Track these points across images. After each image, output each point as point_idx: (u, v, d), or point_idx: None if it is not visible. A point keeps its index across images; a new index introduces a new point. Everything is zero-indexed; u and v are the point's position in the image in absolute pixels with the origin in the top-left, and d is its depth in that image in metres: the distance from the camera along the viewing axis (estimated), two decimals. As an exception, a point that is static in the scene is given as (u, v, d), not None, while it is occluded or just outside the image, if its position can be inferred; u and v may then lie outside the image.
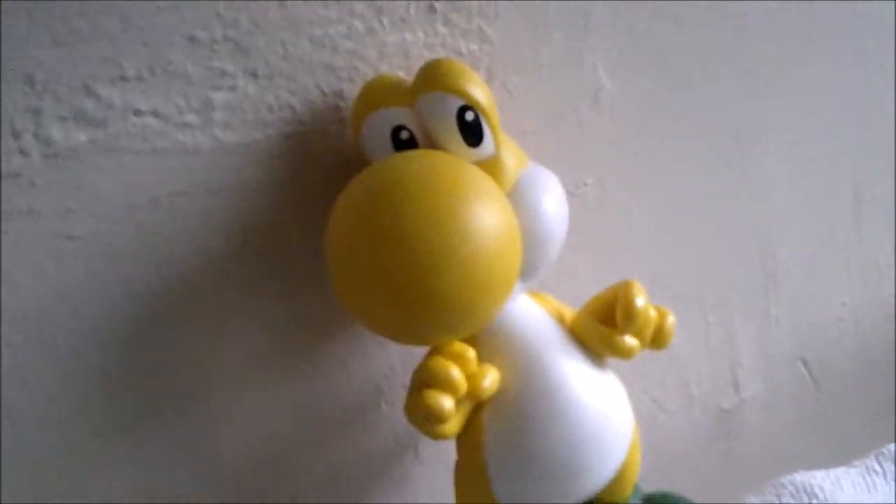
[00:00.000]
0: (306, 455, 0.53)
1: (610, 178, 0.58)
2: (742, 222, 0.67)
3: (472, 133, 0.43)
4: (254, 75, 0.44)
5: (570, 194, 0.56)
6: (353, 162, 0.45)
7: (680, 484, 0.56)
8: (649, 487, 0.54)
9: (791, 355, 0.75)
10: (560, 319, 0.48)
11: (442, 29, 0.48)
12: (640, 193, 0.60)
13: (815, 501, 0.54)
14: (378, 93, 0.45)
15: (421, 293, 0.39)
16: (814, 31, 0.66)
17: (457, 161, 0.42)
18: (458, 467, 0.48)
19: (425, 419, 0.42)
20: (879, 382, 0.81)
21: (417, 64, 0.44)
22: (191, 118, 0.43)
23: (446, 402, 0.42)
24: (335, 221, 0.41)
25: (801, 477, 0.56)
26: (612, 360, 0.48)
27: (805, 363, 0.75)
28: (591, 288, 0.49)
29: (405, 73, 0.47)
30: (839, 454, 0.62)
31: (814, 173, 0.70)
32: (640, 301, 0.46)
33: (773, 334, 0.72)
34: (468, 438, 0.46)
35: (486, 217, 0.40)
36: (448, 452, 0.49)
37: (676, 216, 0.63)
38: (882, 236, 0.76)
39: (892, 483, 0.57)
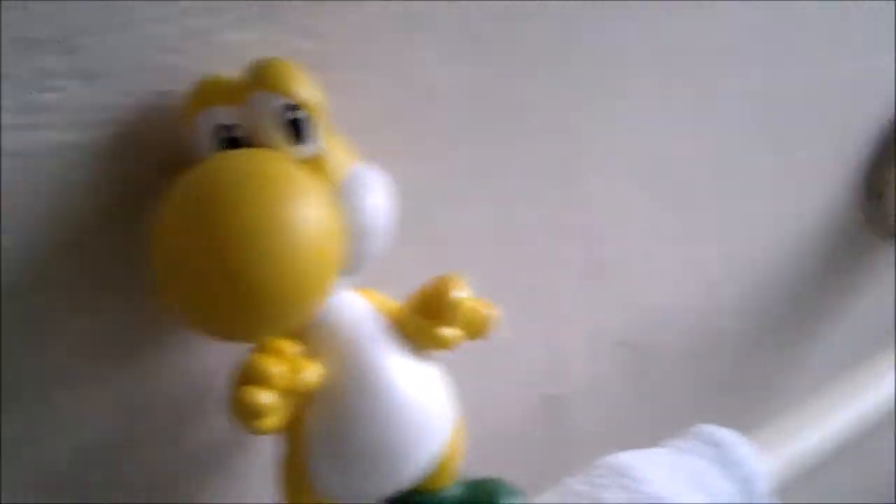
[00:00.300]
0: (134, 455, 0.53)
1: (441, 172, 0.60)
2: (567, 211, 0.69)
3: (298, 131, 0.44)
4: (82, 76, 0.44)
5: (403, 189, 0.57)
6: (184, 161, 0.45)
7: (509, 470, 0.58)
8: (478, 471, 0.56)
9: (616, 340, 0.78)
10: (385, 313, 0.49)
11: (275, 28, 0.49)
12: (472, 186, 0.62)
13: (625, 480, 0.57)
14: (208, 92, 0.45)
15: (239, 291, 0.40)
16: (631, 27, 0.69)
17: (279, 159, 0.43)
18: (281, 460, 0.49)
19: (245, 415, 0.43)
20: (701, 364, 0.85)
21: (250, 63, 0.45)
22: (16, 119, 0.43)
23: (266, 398, 0.43)
24: (158, 222, 0.42)
25: (614, 459, 0.59)
26: (438, 351, 0.50)
27: (631, 347, 0.79)
28: (420, 280, 0.50)
29: (238, 72, 0.48)
30: (663, 436, 0.65)
31: (634, 163, 0.72)
32: (459, 293, 0.48)
33: (598, 321, 0.75)
34: (290, 432, 0.47)
35: (308, 215, 0.41)
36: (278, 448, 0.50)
37: (502, 206, 0.65)
38: (703, 223, 0.79)
39: (699, 461, 0.60)
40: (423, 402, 0.48)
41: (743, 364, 0.87)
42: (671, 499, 0.57)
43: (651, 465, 0.59)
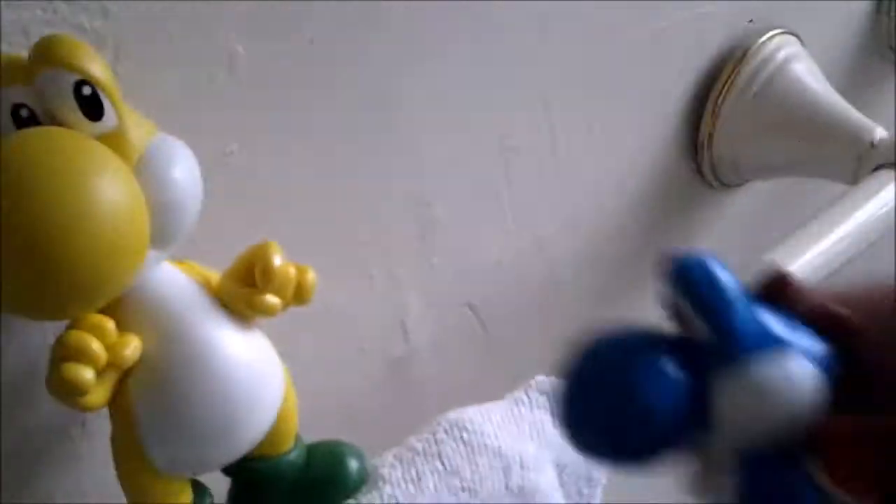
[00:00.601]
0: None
1: (255, 143, 0.59)
2: (393, 176, 0.70)
3: (91, 107, 0.43)
4: None
5: (217, 162, 0.57)
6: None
7: (355, 433, 0.59)
8: (325, 437, 0.56)
9: (457, 301, 0.78)
10: (205, 284, 0.49)
11: (61, 5, 0.48)
12: (288, 155, 0.62)
13: (465, 434, 0.58)
14: (-6, 72, 0.44)
15: (44, 269, 0.40)
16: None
17: (74, 136, 0.43)
18: (113, 437, 0.48)
19: (66, 392, 0.43)
20: (540, 320, 0.86)
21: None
22: None
23: (86, 374, 0.42)
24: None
25: (454, 414, 0.60)
26: (275, 322, 0.50)
27: (471, 307, 0.80)
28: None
29: (26, 52, 0.47)
30: (509, 391, 0.67)
31: (459, 124, 0.73)
32: (277, 260, 0.48)
33: (437, 282, 0.76)
34: (118, 407, 0.47)
35: (106, 190, 0.41)
36: (117, 425, 0.49)
37: (326, 174, 0.65)
38: (530, 180, 0.80)
39: (537, 411, 0.62)
40: (251, 370, 0.48)
41: (583, 315, 0.89)
42: (510, 448, 0.58)
43: (489, 417, 0.60)
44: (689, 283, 0.34)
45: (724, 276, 0.34)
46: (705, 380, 0.34)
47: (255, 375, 0.48)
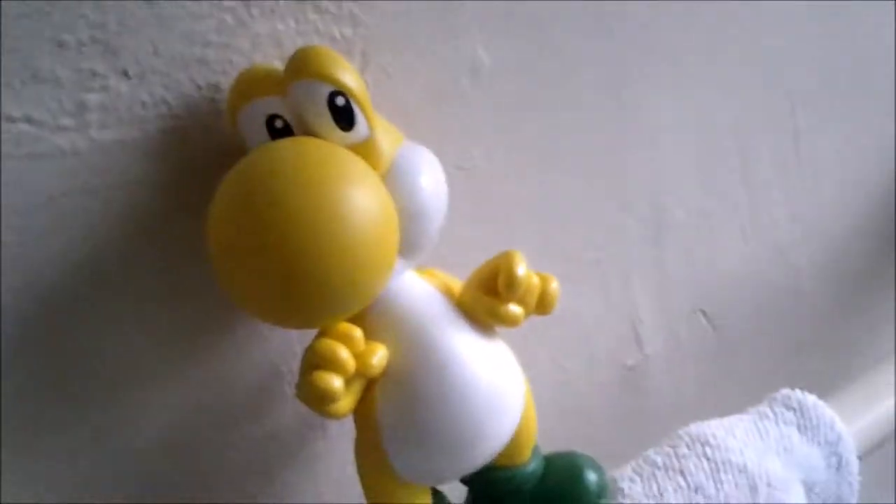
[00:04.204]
0: (214, 443, 0.54)
1: (496, 150, 0.59)
2: (630, 180, 0.68)
3: (344, 117, 0.44)
4: (125, 74, 0.44)
5: (459, 168, 0.57)
6: (232, 153, 0.46)
7: (589, 443, 0.57)
8: (559, 446, 0.55)
9: (690, 308, 0.76)
10: (448, 293, 0.49)
11: (313, 16, 0.49)
12: (528, 161, 0.61)
13: (708, 449, 0.56)
14: (251, 84, 0.45)
15: (298, 278, 0.40)
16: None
17: (328, 146, 0.43)
18: (357, 442, 0.49)
19: (316, 400, 0.43)
20: (779, 329, 0.83)
21: (290, 52, 0.45)
22: (65, 121, 0.44)
23: (335, 382, 0.42)
24: (212, 213, 0.42)
25: (695, 428, 0.57)
26: (509, 329, 0.50)
27: (705, 314, 0.77)
28: (486, 259, 0.50)
29: (279, 62, 0.48)
30: (743, 402, 0.64)
31: (699, 127, 0.71)
32: (521, 269, 0.47)
33: (671, 288, 0.74)
34: (363, 415, 0.47)
35: (359, 199, 0.41)
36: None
37: (564, 180, 0.64)
38: (771, 186, 0.78)
39: (783, 426, 0.59)
40: (494, 380, 0.48)
41: (822, 326, 0.86)
42: (755, 465, 0.56)
43: (732, 431, 0.58)
44: None
45: None
46: None
47: (497, 386, 0.47)
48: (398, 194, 0.44)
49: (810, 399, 0.60)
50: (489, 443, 0.48)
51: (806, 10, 0.74)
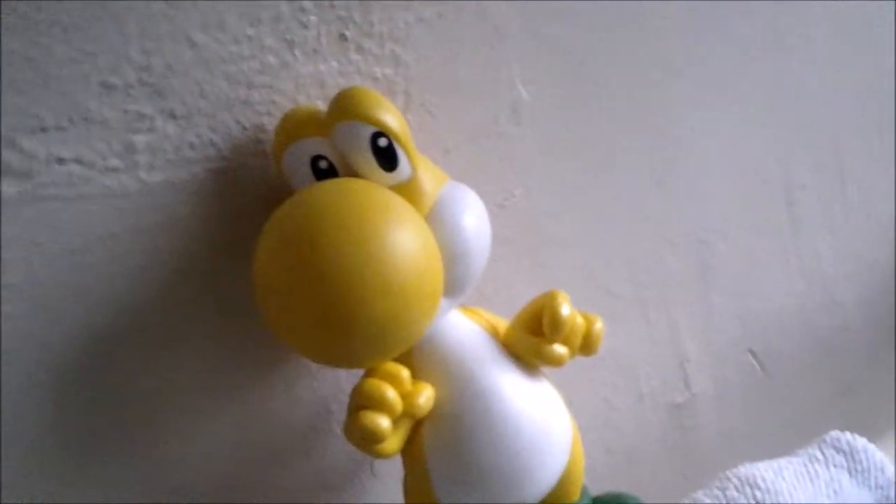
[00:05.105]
0: (263, 480, 0.54)
1: (537, 187, 0.59)
2: (674, 216, 0.68)
3: (387, 158, 0.44)
4: (172, 116, 0.45)
5: (500, 206, 0.57)
6: (278, 193, 0.46)
7: (636, 481, 0.57)
8: (606, 486, 0.55)
9: (738, 346, 0.76)
10: (493, 332, 0.49)
11: (355, 56, 0.49)
12: (569, 198, 0.61)
13: (758, 493, 0.55)
14: (295, 125, 0.45)
15: (343, 320, 0.40)
16: (735, 21, 0.67)
17: (372, 187, 0.43)
18: (405, 481, 0.49)
19: (364, 440, 0.43)
20: (828, 368, 0.82)
21: (333, 92, 0.45)
22: (114, 162, 0.44)
23: (383, 422, 0.43)
24: (258, 254, 0.42)
25: (744, 469, 0.57)
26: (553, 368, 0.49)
27: (752, 353, 0.77)
28: (530, 297, 0.50)
29: (322, 103, 0.48)
30: (791, 443, 0.63)
31: (743, 163, 0.71)
32: (566, 309, 0.47)
33: (718, 326, 0.73)
34: (411, 453, 0.47)
35: (403, 240, 0.41)
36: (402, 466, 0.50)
37: (607, 216, 0.64)
38: (816, 222, 0.77)
39: (833, 469, 0.58)
40: (541, 420, 0.47)
41: (871, 365, 0.84)
42: (805, 508, 0.55)
43: (782, 474, 0.57)
44: None
45: None
46: None
47: (544, 426, 0.47)
48: (441, 234, 0.44)
49: (860, 442, 0.60)
50: (537, 482, 0.47)
51: (851, 50, 0.74)
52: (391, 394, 0.43)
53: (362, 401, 0.43)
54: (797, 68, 0.72)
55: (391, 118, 0.44)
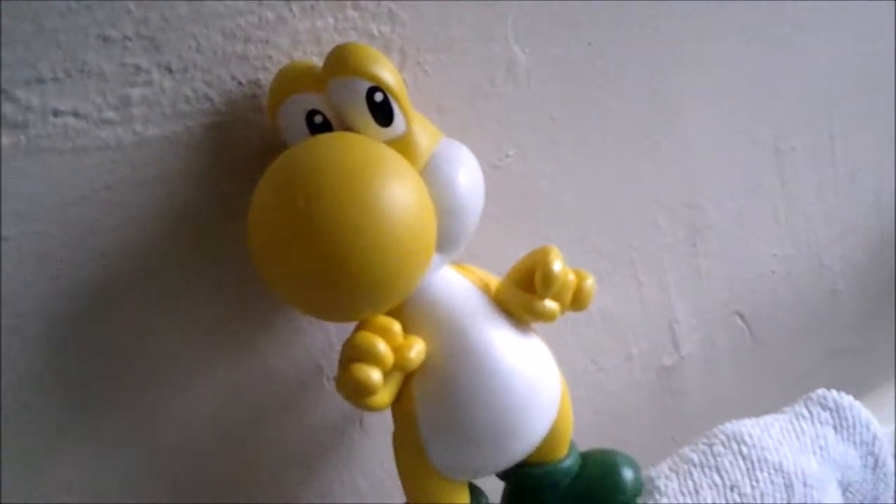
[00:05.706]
0: (255, 436, 0.54)
1: (531, 147, 0.59)
2: (665, 179, 0.68)
3: (382, 113, 0.44)
4: (168, 69, 0.45)
5: (494, 166, 0.57)
6: (273, 148, 0.46)
7: (622, 442, 0.58)
8: (593, 446, 0.55)
9: (726, 309, 0.76)
10: (484, 288, 0.49)
11: (352, 13, 0.49)
12: (563, 159, 0.62)
13: (744, 448, 0.56)
14: (290, 80, 0.46)
15: (337, 272, 0.41)
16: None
17: (367, 142, 0.43)
18: (395, 436, 0.49)
19: (355, 392, 0.43)
20: (815, 330, 0.83)
21: (329, 48, 0.45)
22: (110, 115, 0.44)
23: (374, 375, 0.43)
24: (253, 207, 0.43)
25: (731, 426, 0.57)
26: (545, 326, 0.50)
27: (741, 316, 0.77)
28: (521, 256, 0.50)
29: (318, 59, 0.48)
30: (779, 405, 0.64)
31: (733, 126, 0.71)
32: (557, 266, 0.47)
33: (707, 289, 0.74)
34: (401, 408, 0.48)
35: (397, 194, 0.41)
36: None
37: (599, 178, 0.64)
38: (805, 186, 0.77)
39: (819, 426, 0.59)
40: (531, 376, 0.48)
41: (857, 327, 0.85)
42: (791, 464, 0.56)
43: (768, 430, 0.57)
44: None
45: None
46: None
47: (534, 382, 0.48)
48: (435, 190, 0.45)
49: (846, 399, 0.60)
50: (526, 437, 0.48)
51: (843, 13, 0.74)
52: (382, 347, 0.43)
53: (354, 353, 0.44)
54: (789, 33, 0.72)
55: (387, 73, 0.44)
